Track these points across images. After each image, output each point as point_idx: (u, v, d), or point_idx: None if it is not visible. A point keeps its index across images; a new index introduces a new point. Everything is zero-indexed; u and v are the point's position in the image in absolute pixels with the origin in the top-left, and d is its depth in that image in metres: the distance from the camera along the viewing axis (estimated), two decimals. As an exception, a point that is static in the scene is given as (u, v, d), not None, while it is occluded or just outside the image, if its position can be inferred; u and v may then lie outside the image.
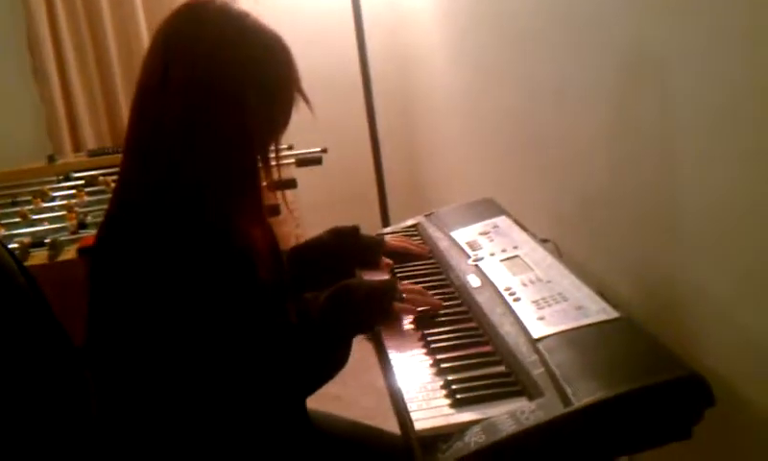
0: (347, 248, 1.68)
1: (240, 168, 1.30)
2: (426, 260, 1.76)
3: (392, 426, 1.33)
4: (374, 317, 1.42)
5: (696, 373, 1.12)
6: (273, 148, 1.35)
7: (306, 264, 1.63)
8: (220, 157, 1.26)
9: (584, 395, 1.09)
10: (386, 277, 1.66)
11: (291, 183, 2.35)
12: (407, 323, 1.44)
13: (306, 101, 1.36)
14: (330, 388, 1.36)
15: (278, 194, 1.54)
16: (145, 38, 3.22)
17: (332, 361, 1.33)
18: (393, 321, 1.43)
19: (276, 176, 1.36)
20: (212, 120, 1.25)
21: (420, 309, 1.45)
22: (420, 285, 1.55)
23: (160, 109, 1.25)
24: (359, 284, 1.44)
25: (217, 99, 1.25)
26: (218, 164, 1.26)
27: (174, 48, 1.26)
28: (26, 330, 1.37)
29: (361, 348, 1.46)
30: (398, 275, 1.68)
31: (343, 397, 2.66)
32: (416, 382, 1.26)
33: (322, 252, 1.66)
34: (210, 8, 1.28)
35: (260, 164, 1.32)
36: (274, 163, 1.35)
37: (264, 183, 1.36)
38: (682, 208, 1.45)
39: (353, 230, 1.71)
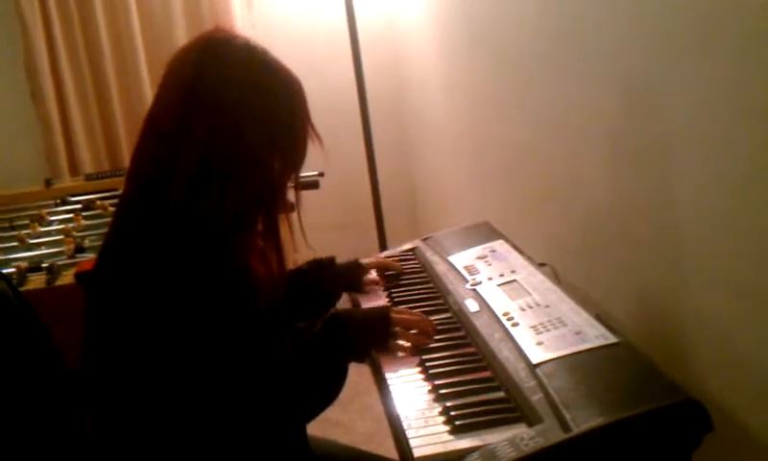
0: (325, 278, 1.70)
1: (256, 202, 1.30)
2: (415, 280, 1.77)
3: (390, 450, 1.32)
4: (369, 345, 1.43)
5: (694, 399, 1.12)
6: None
7: (288, 296, 1.64)
8: (241, 191, 1.26)
9: (583, 421, 1.09)
10: (383, 301, 1.67)
11: (289, 208, 2.36)
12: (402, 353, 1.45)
13: (317, 136, 1.37)
14: (330, 413, 1.35)
15: (283, 218, 1.54)
16: (143, 63, 3.23)
17: (328, 389, 1.33)
18: (387, 352, 1.45)
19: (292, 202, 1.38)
20: (237, 156, 1.24)
21: (414, 344, 1.45)
22: (415, 310, 1.56)
23: (178, 144, 1.23)
24: (353, 312, 1.46)
25: (243, 143, 1.24)
26: (235, 205, 1.26)
27: (200, 89, 1.24)
28: (20, 355, 1.37)
29: (360, 372, 1.46)
30: (396, 300, 1.68)
31: (343, 422, 2.65)
32: (414, 408, 1.26)
33: (302, 283, 1.66)
34: (235, 46, 1.27)
35: (279, 196, 1.34)
36: (290, 187, 1.37)
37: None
38: (680, 234, 1.46)
39: (330, 261, 1.74)
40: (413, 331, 1.47)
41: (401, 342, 1.45)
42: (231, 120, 1.23)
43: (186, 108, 1.24)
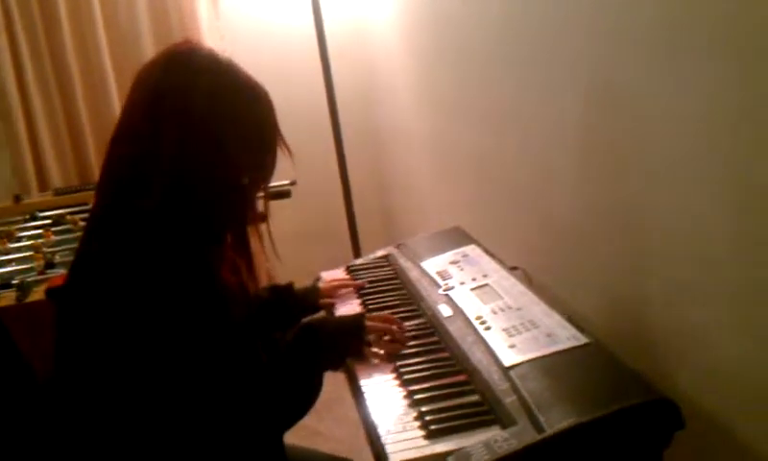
0: (282, 304, 1.70)
1: (228, 212, 1.31)
2: (389, 286, 1.78)
3: (369, 458, 1.33)
4: (343, 353, 1.44)
5: (665, 396, 1.14)
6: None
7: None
8: (207, 205, 1.26)
9: (556, 421, 1.11)
10: (357, 309, 1.68)
11: (260, 217, 2.35)
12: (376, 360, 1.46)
13: (287, 147, 1.38)
14: (307, 422, 1.35)
15: (256, 229, 1.54)
16: (111, 77, 3.21)
17: (303, 397, 1.33)
18: (362, 359, 1.46)
19: (262, 212, 1.38)
20: (205, 171, 1.24)
21: (388, 352, 1.47)
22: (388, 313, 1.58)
23: (147, 154, 1.23)
24: (327, 321, 1.47)
25: (209, 147, 1.24)
26: (205, 212, 1.26)
27: (166, 97, 1.24)
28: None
29: (335, 380, 1.46)
30: (370, 307, 1.68)
31: (320, 431, 2.64)
32: (389, 414, 1.26)
33: (261, 308, 1.66)
34: (200, 55, 1.28)
35: (248, 207, 1.34)
36: (260, 197, 1.37)
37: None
38: (650, 234, 1.47)
39: (288, 286, 1.75)
40: (386, 338, 1.47)
41: (375, 349, 1.46)
42: (199, 129, 1.23)
43: (153, 119, 1.24)
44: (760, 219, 1.18)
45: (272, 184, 1.37)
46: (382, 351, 1.46)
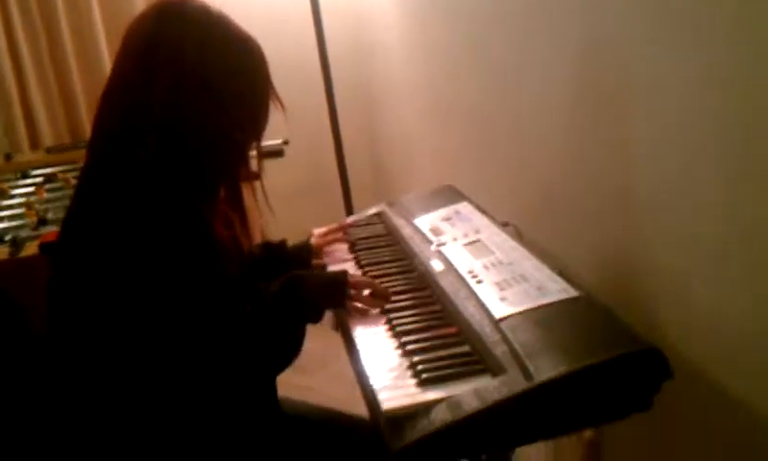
0: (275, 260, 1.72)
1: (221, 165, 1.32)
2: (381, 243, 1.80)
3: (362, 414, 1.35)
4: (324, 306, 1.45)
5: (654, 346, 1.16)
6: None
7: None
8: (200, 158, 1.27)
9: (545, 370, 1.12)
10: (350, 265, 1.69)
11: (253, 176, 2.36)
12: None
13: (279, 101, 1.38)
14: (301, 380, 1.37)
15: (250, 185, 1.55)
16: (101, 33, 3.18)
17: (286, 347, 1.35)
18: (344, 312, 1.49)
19: (255, 170, 1.39)
20: (197, 120, 1.25)
21: (370, 306, 1.48)
22: (369, 276, 1.60)
23: (139, 105, 1.24)
24: (310, 275, 1.49)
25: (202, 100, 1.25)
26: (197, 164, 1.27)
27: (159, 47, 1.25)
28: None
29: (329, 338, 1.48)
30: (363, 263, 1.69)
31: (314, 387, 2.67)
32: (382, 364, 1.28)
33: (254, 265, 1.67)
34: (192, 7, 1.28)
35: (240, 161, 1.35)
36: (253, 156, 1.38)
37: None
38: (639, 189, 1.49)
39: (281, 244, 1.76)
40: (367, 292, 1.49)
41: (358, 304, 1.48)
42: (191, 77, 1.24)
43: (145, 70, 1.24)
44: (746, 166, 1.19)
45: (265, 143, 1.37)
46: (364, 306, 1.47)
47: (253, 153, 1.41)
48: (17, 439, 1.39)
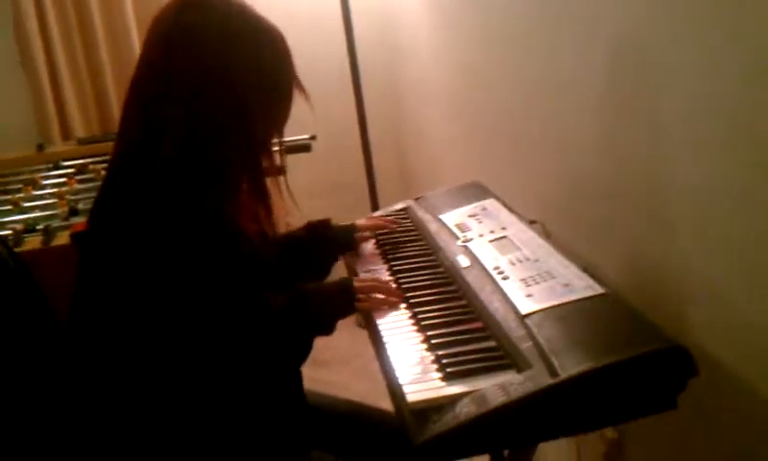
0: (320, 240, 1.71)
1: (243, 157, 1.32)
2: (408, 238, 1.80)
3: (386, 408, 1.36)
4: (332, 321, 1.42)
5: (679, 344, 1.16)
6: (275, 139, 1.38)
7: (282, 259, 1.66)
8: (224, 146, 1.28)
9: (570, 366, 1.13)
10: (382, 269, 1.68)
11: (280, 170, 2.37)
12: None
13: (304, 92, 1.38)
14: (324, 374, 1.39)
15: (274, 180, 1.56)
16: (133, 25, 3.23)
17: (296, 355, 1.37)
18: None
19: (277, 163, 1.39)
20: (216, 111, 1.26)
21: (379, 306, 1.47)
22: (375, 276, 1.59)
23: (161, 96, 1.25)
24: (314, 290, 1.45)
25: (223, 89, 1.26)
26: (222, 153, 1.28)
27: (178, 37, 1.26)
28: (17, 317, 1.39)
29: (351, 336, 1.48)
30: (389, 257, 1.70)
31: (337, 382, 2.69)
32: (408, 358, 1.29)
33: (297, 246, 1.68)
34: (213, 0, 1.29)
35: (263, 152, 1.35)
36: (276, 150, 1.38)
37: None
38: (668, 189, 1.48)
39: (325, 222, 1.74)
40: (379, 296, 1.48)
41: (366, 304, 1.46)
42: (210, 69, 1.25)
43: (166, 62, 1.26)
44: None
45: (292, 138, 1.38)
46: (375, 308, 1.46)
47: (277, 147, 1.42)
48: (37, 431, 1.40)
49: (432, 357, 1.27)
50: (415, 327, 1.39)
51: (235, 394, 1.30)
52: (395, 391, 1.22)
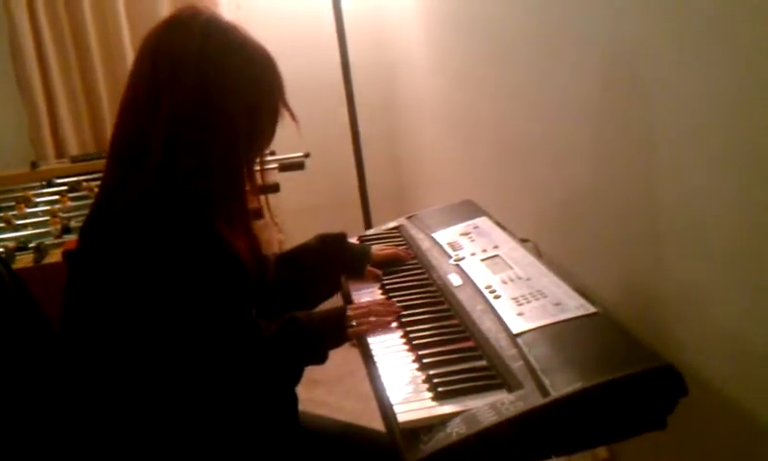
0: (333, 255, 1.70)
1: (225, 176, 1.31)
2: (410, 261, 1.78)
3: (377, 428, 1.35)
4: (324, 351, 1.42)
5: (669, 363, 1.16)
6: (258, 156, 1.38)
7: (293, 270, 1.65)
8: (205, 166, 1.27)
9: (561, 386, 1.13)
10: (374, 288, 1.68)
11: (273, 188, 2.38)
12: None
13: (291, 114, 1.38)
14: (316, 394, 1.38)
15: (262, 199, 1.55)
16: (128, 45, 3.23)
17: (283, 386, 1.37)
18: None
19: (259, 182, 1.38)
20: (198, 132, 1.26)
21: (372, 328, 1.46)
22: (370, 300, 1.59)
23: (148, 117, 1.25)
24: (307, 318, 1.43)
25: (203, 111, 1.26)
26: (204, 172, 1.27)
27: (161, 58, 1.27)
28: (17, 336, 1.39)
29: (345, 355, 1.47)
30: (383, 279, 1.70)
31: (329, 403, 2.68)
32: (399, 377, 1.29)
33: (308, 258, 1.67)
34: (197, 20, 1.29)
35: (245, 171, 1.34)
36: (257, 169, 1.38)
37: (247, 189, 1.38)
38: (660, 208, 1.49)
39: (340, 237, 1.73)
40: (372, 319, 1.47)
41: (360, 329, 1.45)
42: (190, 89, 1.25)
43: (151, 77, 1.27)
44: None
45: (286, 156, 1.38)
46: (367, 328, 1.45)
47: (274, 165, 1.42)
48: (34, 441, 1.40)
49: (423, 377, 1.27)
50: (406, 347, 1.39)
51: (226, 417, 1.30)
52: (386, 411, 1.22)
